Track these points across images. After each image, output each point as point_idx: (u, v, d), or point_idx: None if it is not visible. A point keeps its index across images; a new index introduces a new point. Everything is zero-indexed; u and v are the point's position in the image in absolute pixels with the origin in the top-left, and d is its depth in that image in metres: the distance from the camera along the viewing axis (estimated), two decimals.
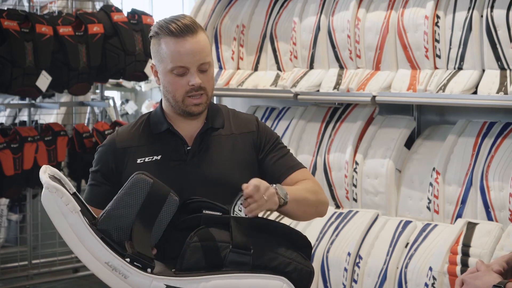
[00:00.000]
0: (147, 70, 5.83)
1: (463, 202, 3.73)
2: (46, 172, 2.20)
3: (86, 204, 2.31)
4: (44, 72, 5.26)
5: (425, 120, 4.21)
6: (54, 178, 2.22)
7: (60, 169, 5.71)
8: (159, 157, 2.48)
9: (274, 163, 2.53)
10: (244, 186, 2.25)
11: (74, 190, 2.26)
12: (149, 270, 2.16)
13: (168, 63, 2.43)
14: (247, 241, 2.23)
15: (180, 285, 2.16)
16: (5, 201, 6.11)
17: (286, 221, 3.37)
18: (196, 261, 2.20)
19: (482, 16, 3.66)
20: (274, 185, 2.33)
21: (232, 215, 2.26)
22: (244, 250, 2.21)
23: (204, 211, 2.27)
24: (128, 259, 2.15)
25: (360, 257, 3.86)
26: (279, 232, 2.33)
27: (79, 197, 2.28)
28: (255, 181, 2.26)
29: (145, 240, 2.21)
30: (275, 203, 2.31)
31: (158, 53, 2.46)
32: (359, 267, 3.85)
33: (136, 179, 2.25)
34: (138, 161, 2.48)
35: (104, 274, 2.15)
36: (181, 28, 2.42)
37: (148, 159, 2.48)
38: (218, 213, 2.27)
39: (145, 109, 9.58)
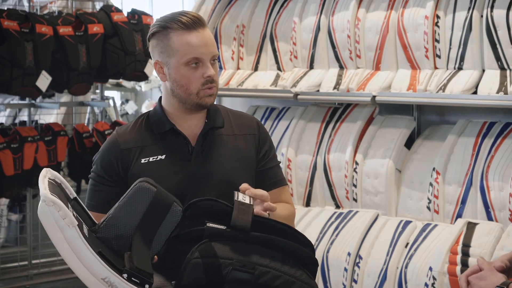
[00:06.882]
0: (147, 70, 5.83)
1: (463, 202, 3.72)
2: (46, 177, 2.11)
3: (87, 210, 2.24)
4: (44, 72, 5.26)
5: (425, 120, 4.21)
6: (54, 182, 2.14)
7: (60, 169, 5.72)
8: (163, 157, 2.47)
9: (266, 170, 2.57)
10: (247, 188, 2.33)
11: (75, 194, 2.20)
12: (147, 286, 2.07)
13: (182, 56, 2.42)
14: (250, 258, 2.14)
15: None
16: (5, 201, 6.11)
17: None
18: (196, 278, 2.11)
19: (482, 16, 3.66)
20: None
21: (235, 224, 2.15)
22: (246, 268, 2.12)
23: (207, 224, 2.16)
24: (125, 275, 2.06)
25: (360, 257, 3.86)
26: (284, 246, 2.21)
27: (80, 202, 2.21)
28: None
29: (145, 253, 2.13)
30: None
31: (167, 48, 2.43)
32: (359, 267, 3.85)
33: (138, 187, 2.17)
34: (143, 161, 2.46)
35: None
36: (193, 21, 2.43)
37: (153, 158, 2.46)
38: (222, 227, 2.16)
39: (145, 109, 9.59)
